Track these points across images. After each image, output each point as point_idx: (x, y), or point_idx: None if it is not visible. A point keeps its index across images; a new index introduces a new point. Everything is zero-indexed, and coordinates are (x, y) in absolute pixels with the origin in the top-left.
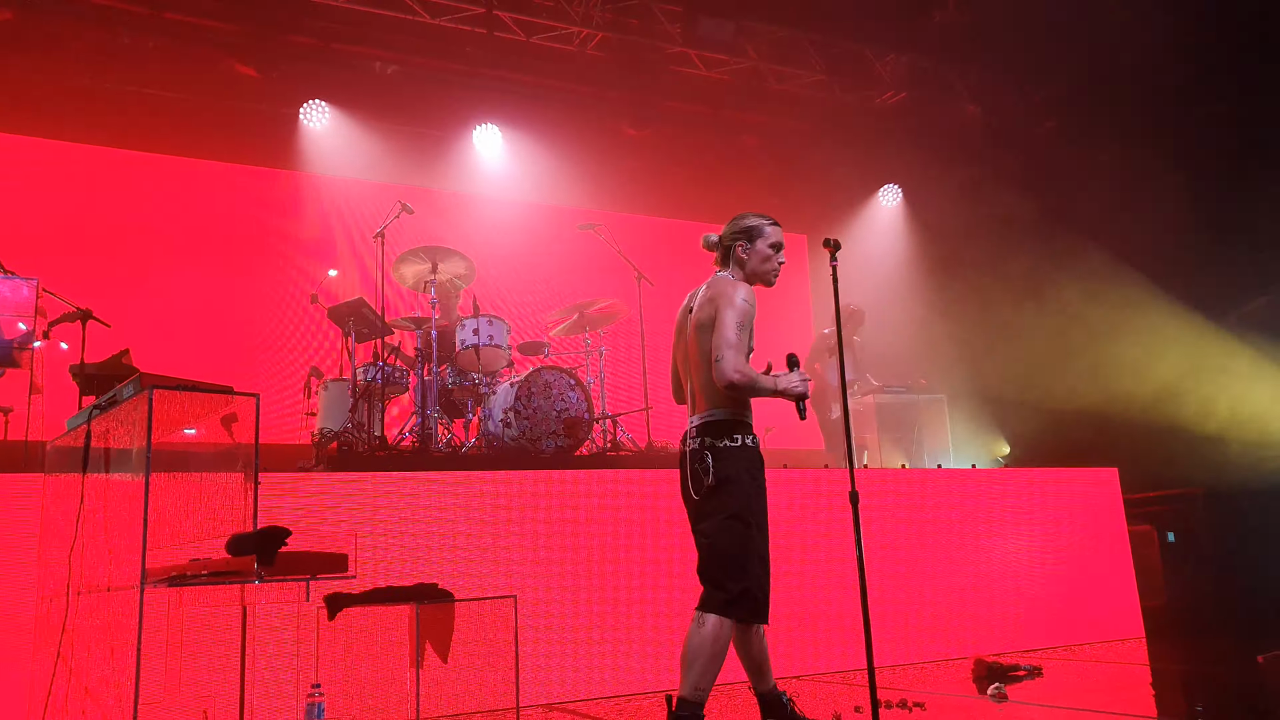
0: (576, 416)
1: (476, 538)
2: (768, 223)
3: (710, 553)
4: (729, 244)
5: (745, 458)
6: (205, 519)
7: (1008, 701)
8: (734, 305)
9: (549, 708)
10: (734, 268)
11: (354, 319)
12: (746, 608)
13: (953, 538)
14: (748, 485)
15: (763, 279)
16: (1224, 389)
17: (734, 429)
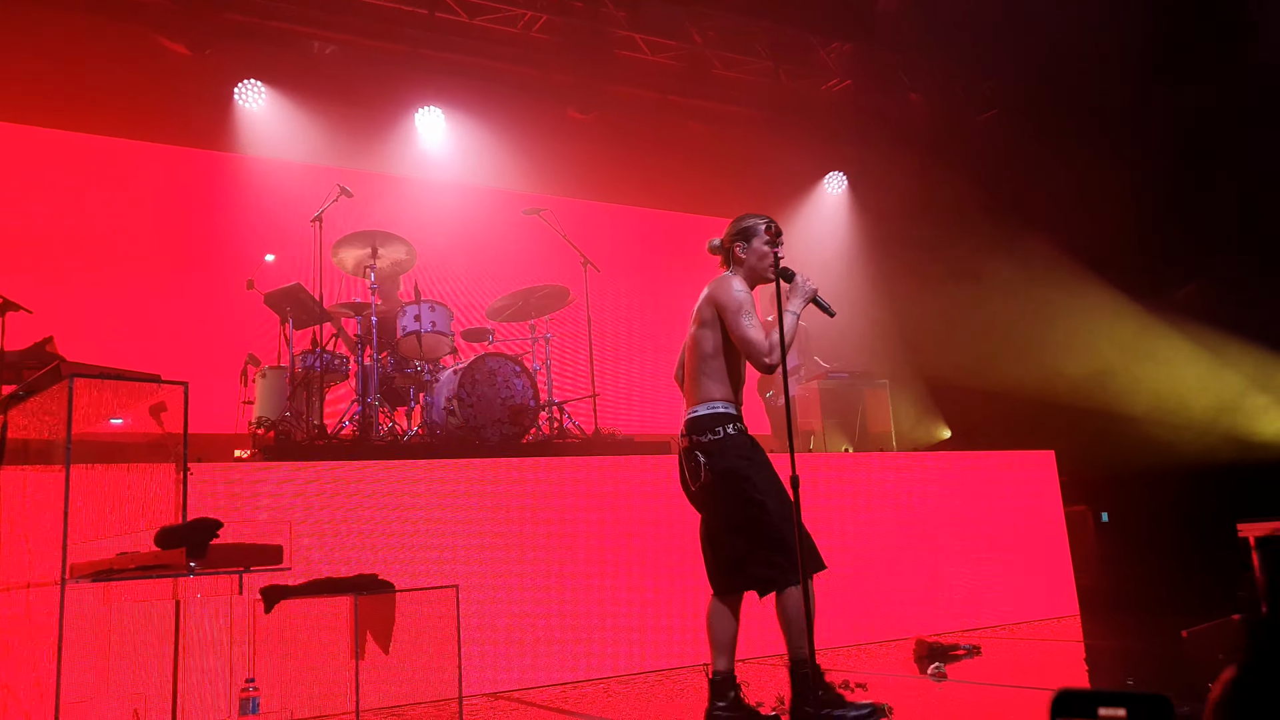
0: (522, 404)
1: (418, 527)
2: (762, 220)
3: (744, 542)
4: (729, 246)
5: (733, 446)
6: (134, 511)
7: (947, 680)
8: (732, 302)
9: (493, 697)
10: (735, 268)
11: (291, 305)
12: (806, 569)
13: (895, 521)
14: (746, 469)
15: (761, 275)
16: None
17: (716, 422)
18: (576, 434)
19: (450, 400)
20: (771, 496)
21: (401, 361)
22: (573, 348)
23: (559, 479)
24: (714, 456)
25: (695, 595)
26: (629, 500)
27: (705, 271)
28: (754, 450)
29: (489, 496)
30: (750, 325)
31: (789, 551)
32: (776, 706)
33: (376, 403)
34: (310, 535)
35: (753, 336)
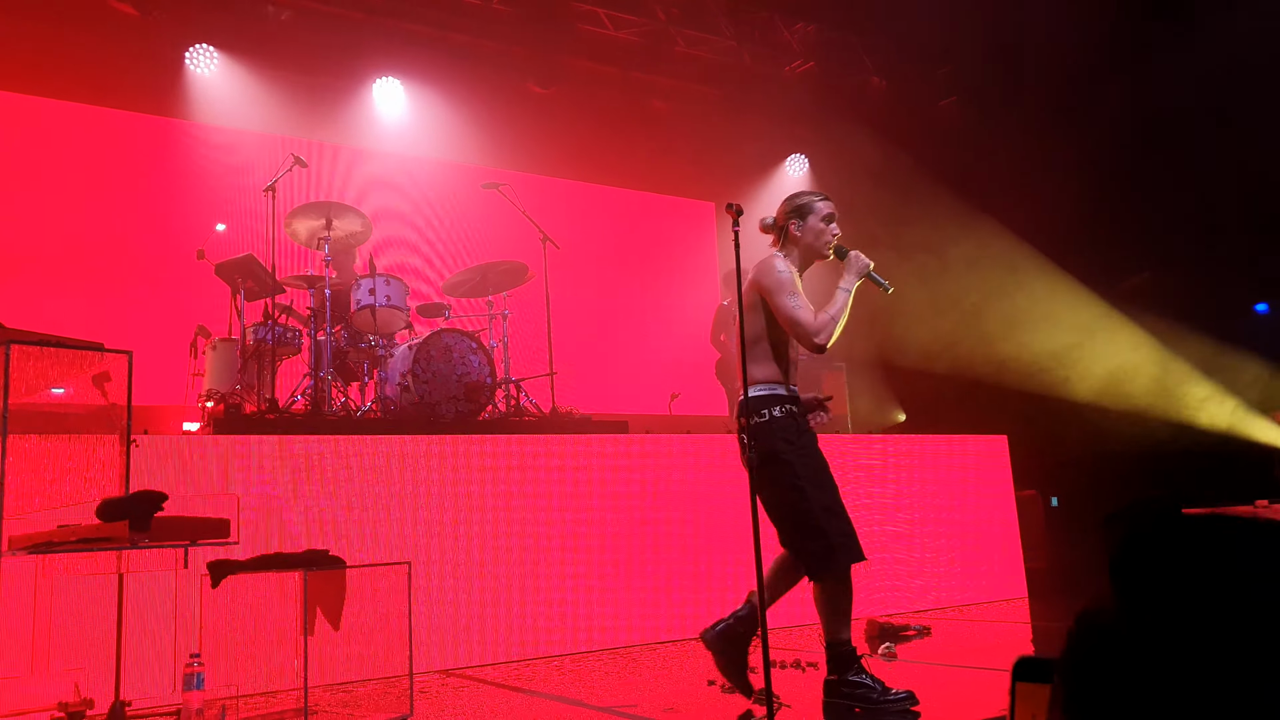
0: (478, 381)
1: (371, 504)
2: (818, 198)
3: (783, 526)
4: (784, 224)
5: (778, 428)
6: (76, 484)
7: (897, 660)
8: (775, 284)
9: (446, 673)
10: (788, 246)
11: (243, 276)
12: (840, 558)
13: (849, 502)
14: (788, 453)
15: (818, 253)
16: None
17: (762, 405)
18: (533, 412)
19: (404, 376)
20: (810, 483)
21: (355, 336)
22: (531, 325)
23: (515, 457)
24: (759, 439)
25: (651, 574)
26: (586, 479)
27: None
28: (799, 435)
29: (443, 474)
30: (796, 306)
31: (822, 540)
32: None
33: (329, 377)
34: (260, 510)
35: (800, 317)
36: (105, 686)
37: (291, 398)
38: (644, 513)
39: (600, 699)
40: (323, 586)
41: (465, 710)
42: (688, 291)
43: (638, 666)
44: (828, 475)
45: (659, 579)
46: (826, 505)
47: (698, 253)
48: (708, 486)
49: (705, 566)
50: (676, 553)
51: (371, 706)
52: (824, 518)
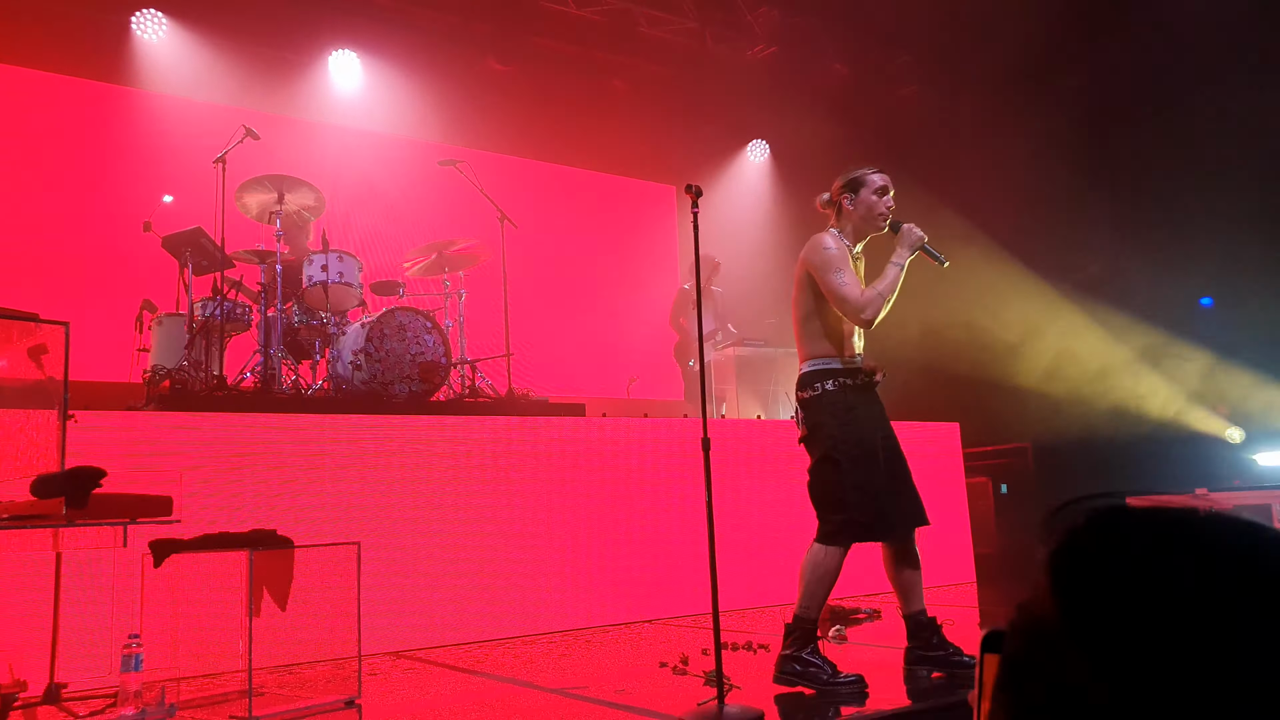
0: (432, 361)
1: (320, 484)
2: (871, 171)
3: (812, 493)
4: (837, 199)
5: (827, 403)
6: (10, 459)
7: (847, 642)
8: (822, 262)
9: (395, 656)
10: (842, 221)
11: (191, 249)
12: (850, 535)
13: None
14: (832, 428)
15: (872, 226)
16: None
17: (815, 379)
18: (489, 394)
19: (357, 354)
20: (847, 458)
21: (307, 312)
22: (487, 305)
23: (469, 439)
24: (808, 412)
25: (605, 557)
26: (541, 462)
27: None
28: (848, 410)
29: (395, 454)
30: (843, 282)
31: (841, 514)
32: (678, 666)
33: (279, 354)
34: (206, 489)
35: (846, 294)
36: (40, 668)
37: (240, 375)
38: (599, 496)
39: (551, 681)
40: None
41: (414, 692)
42: (647, 274)
43: (590, 649)
44: (870, 452)
45: (614, 562)
46: (857, 483)
47: (658, 235)
48: (664, 470)
49: (661, 550)
50: (632, 536)
51: (319, 688)
52: (852, 494)
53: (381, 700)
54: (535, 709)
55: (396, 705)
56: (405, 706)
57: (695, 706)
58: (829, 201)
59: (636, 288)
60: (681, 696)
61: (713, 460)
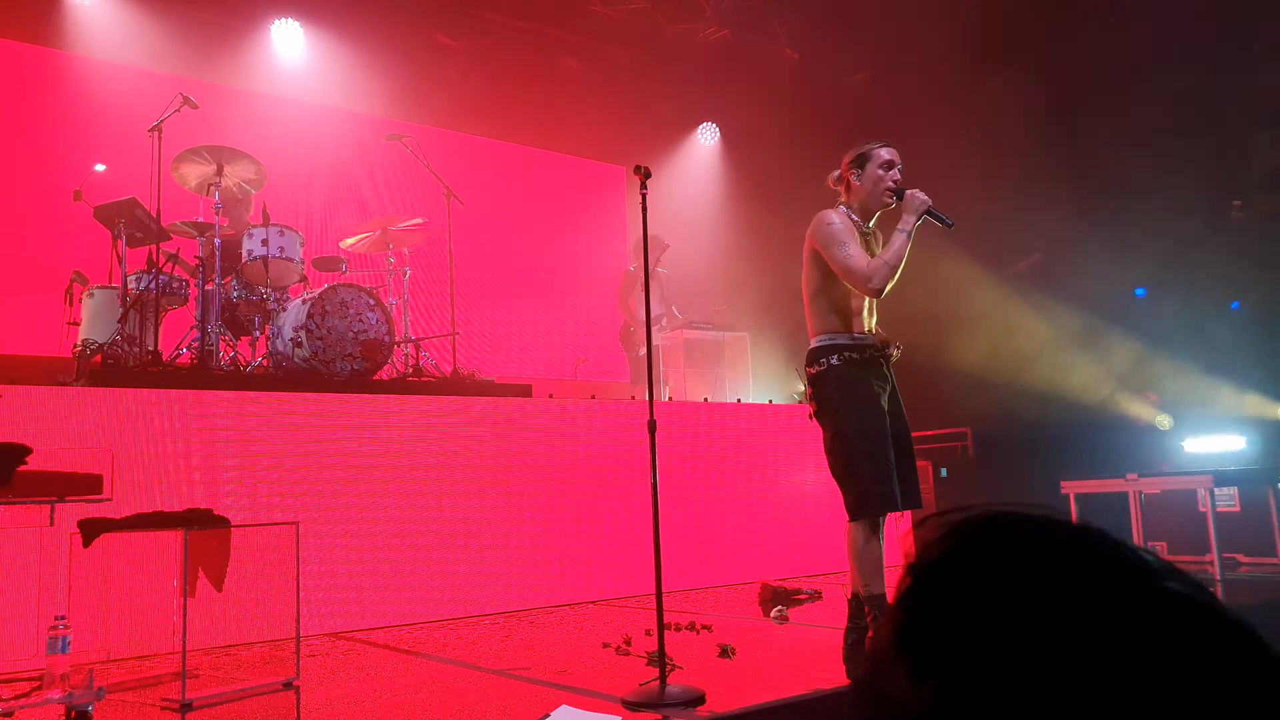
0: (375, 339)
1: (259, 462)
2: (877, 145)
3: (832, 468)
4: (846, 176)
5: (833, 377)
6: None
7: (789, 623)
8: (826, 238)
9: (335, 637)
10: (851, 197)
11: (125, 220)
12: (871, 506)
13: (746, 469)
14: (839, 402)
15: (879, 201)
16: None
17: (820, 355)
18: (433, 373)
19: (297, 331)
20: (855, 431)
21: (246, 288)
22: (433, 283)
23: (412, 418)
24: (816, 387)
25: (550, 538)
26: (485, 443)
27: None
28: (852, 384)
29: (336, 433)
30: (848, 254)
31: (858, 486)
32: (621, 647)
33: (218, 330)
34: (139, 467)
35: (853, 265)
36: None
37: (176, 350)
38: (544, 477)
39: (493, 662)
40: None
41: (354, 673)
42: (596, 255)
43: (534, 630)
44: (879, 424)
45: (558, 543)
46: (869, 453)
47: (607, 216)
48: (611, 452)
49: (606, 531)
50: (576, 517)
51: (255, 670)
52: (863, 464)
53: (320, 682)
54: (476, 690)
55: (336, 687)
56: (345, 688)
57: (637, 687)
58: (839, 178)
59: (585, 268)
60: (624, 677)
61: (658, 443)
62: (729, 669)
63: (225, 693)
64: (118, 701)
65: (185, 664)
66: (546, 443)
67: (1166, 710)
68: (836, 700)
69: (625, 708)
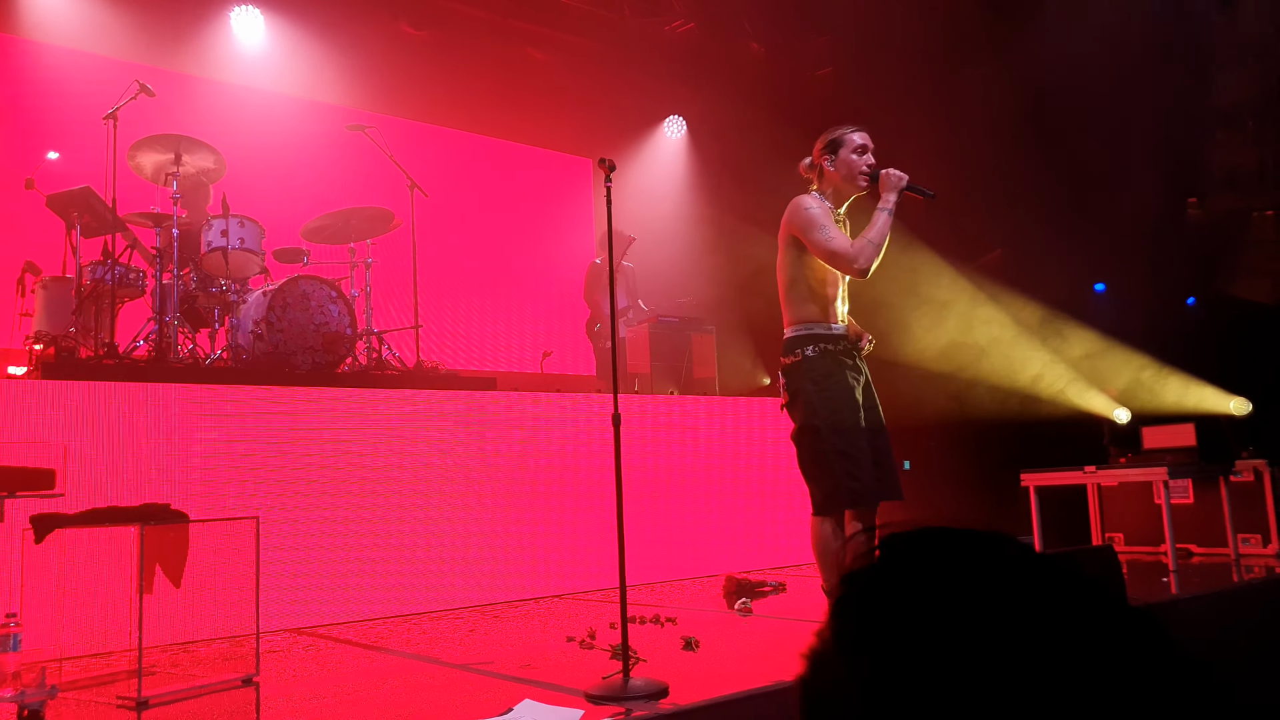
0: (337, 331)
1: (218, 457)
2: (850, 130)
3: (800, 462)
4: (819, 162)
5: (806, 369)
6: None
7: (752, 615)
8: (804, 222)
9: (296, 632)
10: (825, 183)
11: (79, 210)
12: (840, 500)
13: (711, 462)
14: (811, 394)
15: (854, 186)
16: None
17: (796, 345)
18: (396, 366)
19: (258, 324)
20: (827, 424)
21: (205, 279)
22: (396, 275)
23: (374, 412)
24: (789, 378)
25: (514, 532)
26: (449, 436)
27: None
28: (826, 377)
29: (297, 427)
30: (829, 238)
31: (828, 480)
32: (585, 640)
33: (176, 322)
34: (94, 461)
35: (835, 248)
36: None
37: (133, 343)
38: (509, 471)
39: (456, 657)
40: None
41: (314, 669)
42: (562, 248)
43: (497, 624)
44: (852, 418)
45: (521, 538)
46: (841, 448)
47: (573, 209)
48: (575, 446)
49: (570, 526)
50: (540, 511)
51: (214, 667)
52: (834, 459)
53: (281, 677)
54: (439, 684)
55: (296, 682)
56: (305, 683)
57: (601, 680)
58: (811, 165)
59: (551, 261)
60: (588, 670)
61: (623, 436)
62: (693, 661)
63: (183, 690)
64: (72, 700)
65: (141, 661)
66: (510, 436)
67: (1077, 699)
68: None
69: (589, 701)
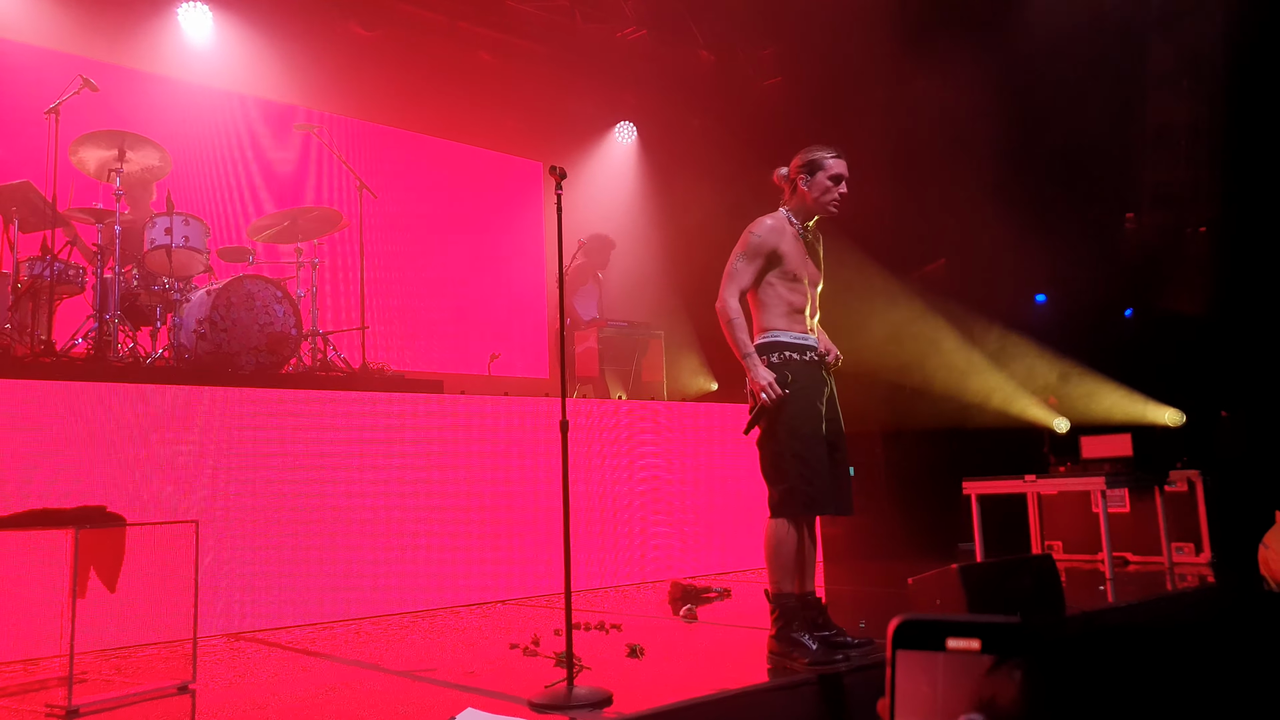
0: (282, 332)
1: (157, 459)
2: (830, 155)
3: (761, 465)
4: (794, 178)
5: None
6: None
7: (698, 621)
8: (741, 242)
9: (235, 637)
10: (795, 199)
11: (18, 205)
12: (795, 503)
13: (656, 467)
14: (775, 398)
15: (823, 210)
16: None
17: (762, 352)
18: (341, 367)
19: (201, 323)
20: (786, 429)
21: (148, 277)
22: (343, 276)
23: (318, 414)
24: (752, 383)
25: (456, 536)
26: (393, 438)
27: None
28: (791, 384)
29: (239, 428)
30: (738, 270)
31: (783, 484)
32: (529, 647)
33: (116, 320)
34: (27, 462)
35: (730, 280)
36: None
37: (71, 340)
38: (453, 474)
39: (398, 663)
40: (98, 546)
41: (253, 675)
42: (512, 250)
43: (440, 630)
44: (811, 425)
45: (466, 541)
46: (798, 452)
47: (523, 212)
48: (521, 449)
49: (516, 530)
50: (485, 515)
51: (149, 672)
52: (791, 463)
53: (218, 685)
54: (380, 692)
55: (233, 689)
56: (243, 690)
57: (544, 688)
58: (785, 177)
59: (501, 263)
60: (531, 678)
61: (571, 441)
62: (637, 669)
63: (116, 697)
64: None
65: (73, 667)
66: (456, 439)
67: None
68: (744, 700)
69: (532, 709)
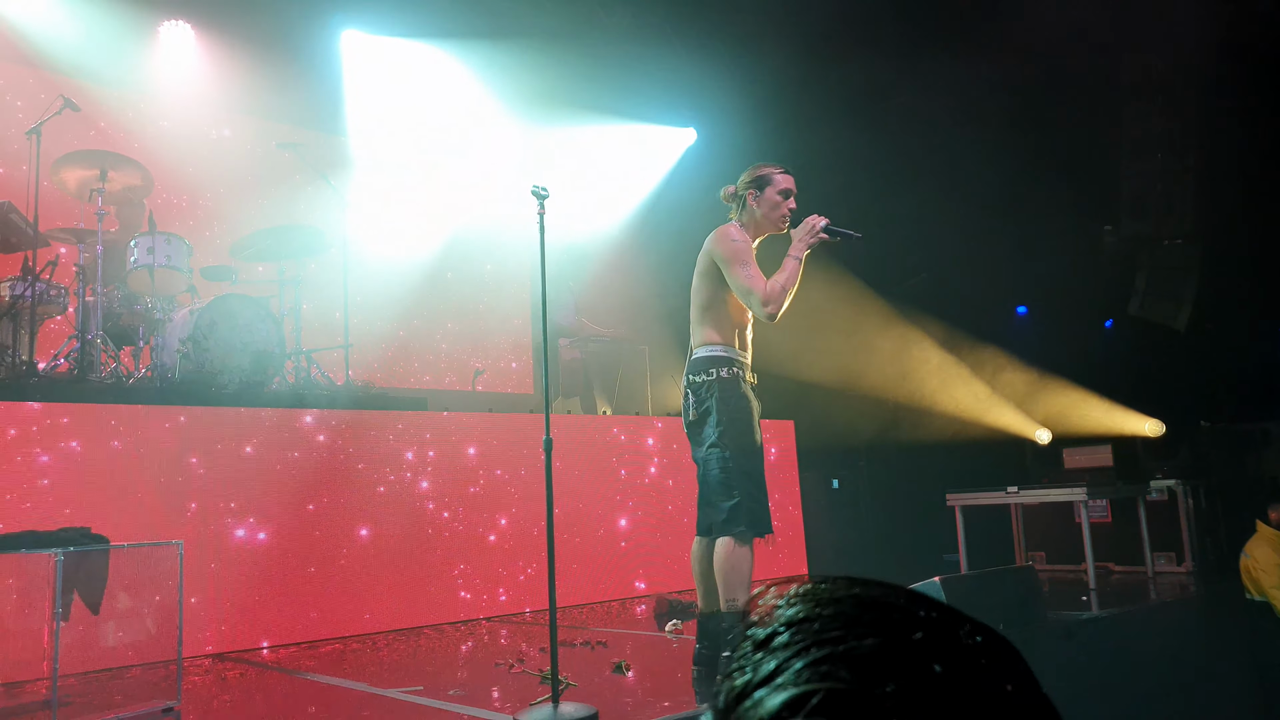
0: (265, 350)
1: (140, 478)
2: (778, 170)
3: (703, 481)
4: (742, 193)
5: (719, 389)
6: None
7: (684, 636)
8: (729, 254)
9: (219, 658)
10: (745, 215)
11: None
12: (743, 520)
13: (641, 481)
14: (721, 414)
15: (774, 226)
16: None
17: (709, 365)
18: (325, 385)
19: (184, 343)
20: (734, 445)
21: (130, 297)
22: (327, 294)
23: (303, 431)
24: (700, 397)
25: (444, 554)
26: (377, 456)
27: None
28: (736, 399)
29: (224, 447)
30: (749, 275)
31: (733, 499)
32: (514, 665)
33: (99, 340)
34: (10, 483)
35: (753, 286)
36: None
37: (53, 360)
38: (440, 490)
39: (384, 682)
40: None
41: (239, 696)
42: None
43: (426, 648)
44: (754, 443)
45: (452, 560)
46: (746, 470)
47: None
48: (505, 466)
49: (503, 547)
50: (471, 532)
51: (134, 695)
52: (739, 479)
53: (204, 705)
54: (367, 711)
55: (220, 710)
56: (230, 711)
57: (529, 706)
58: (733, 195)
59: (484, 279)
60: (517, 696)
61: (555, 456)
62: (623, 686)
63: None
64: None
65: (57, 690)
66: (441, 456)
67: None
68: None
69: None
